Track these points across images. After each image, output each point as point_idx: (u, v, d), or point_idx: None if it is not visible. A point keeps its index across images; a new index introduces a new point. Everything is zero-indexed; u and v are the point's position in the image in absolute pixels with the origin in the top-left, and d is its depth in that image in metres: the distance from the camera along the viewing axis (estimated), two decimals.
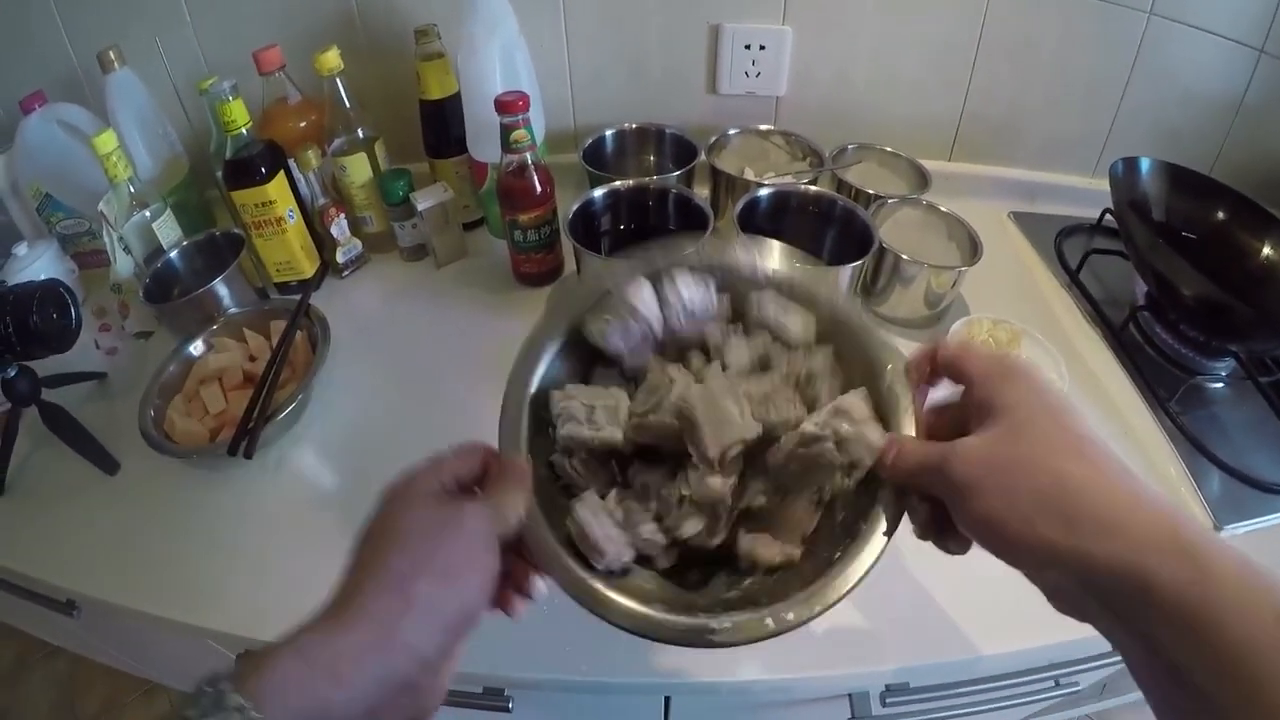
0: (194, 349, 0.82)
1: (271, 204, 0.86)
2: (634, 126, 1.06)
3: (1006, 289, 0.93)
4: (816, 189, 0.90)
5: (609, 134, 1.05)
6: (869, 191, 0.92)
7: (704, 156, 0.98)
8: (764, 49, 1.00)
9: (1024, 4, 0.93)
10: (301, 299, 0.85)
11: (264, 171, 0.85)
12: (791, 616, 0.38)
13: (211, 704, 0.29)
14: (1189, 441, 0.74)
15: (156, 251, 0.88)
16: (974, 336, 0.83)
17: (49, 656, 1.57)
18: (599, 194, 0.88)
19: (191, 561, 0.68)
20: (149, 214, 0.86)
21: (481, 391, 0.82)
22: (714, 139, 1.01)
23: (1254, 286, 0.82)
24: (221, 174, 0.89)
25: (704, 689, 0.63)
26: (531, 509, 0.40)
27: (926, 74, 1.01)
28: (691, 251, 0.49)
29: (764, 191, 0.88)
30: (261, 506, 0.72)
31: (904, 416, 0.41)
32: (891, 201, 0.91)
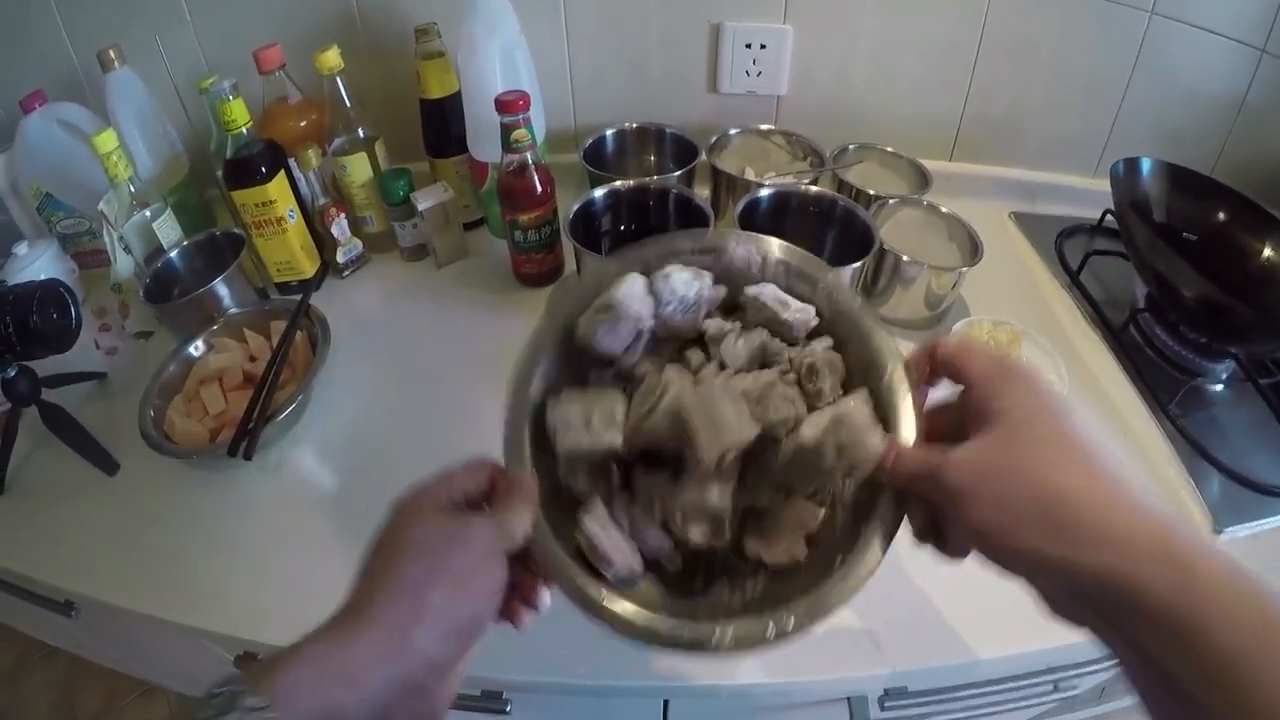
0: (194, 349, 0.82)
1: (272, 204, 0.86)
2: (634, 126, 1.06)
3: (1007, 290, 0.93)
4: (817, 189, 0.90)
5: (609, 134, 1.05)
6: (869, 192, 0.92)
7: (705, 156, 0.98)
8: (765, 48, 1.00)
9: (1025, 4, 0.93)
10: (302, 299, 0.85)
11: (264, 171, 0.85)
12: (792, 625, 0.38)
13: (226, 704, 0.29)
14: (1189, 444, 0.74)
15: (157, 251, 0.88)
16: (974, 338, 0.83)
17: (48, 657, 1.57)
18: (599, 194, 0.88)
19: (191, 562, 0.68)
20: (149, 214, 0.86)
21: (481, 391, 0.82)
22: (715, 139, 1.01)
23: (1255, 288, 0.82)
24: (222, 173, 0.89)
25: (703, 692, 0.63)
26: (538, 522, 0.41)
27: (927, 74, 1.01)
28: (688, 242, 0.48)
29: (765, 192, 0.88)
30: (261, 507, 0.72)
31: (903, 418, 0.40)
32: (892, 202, 0.91)
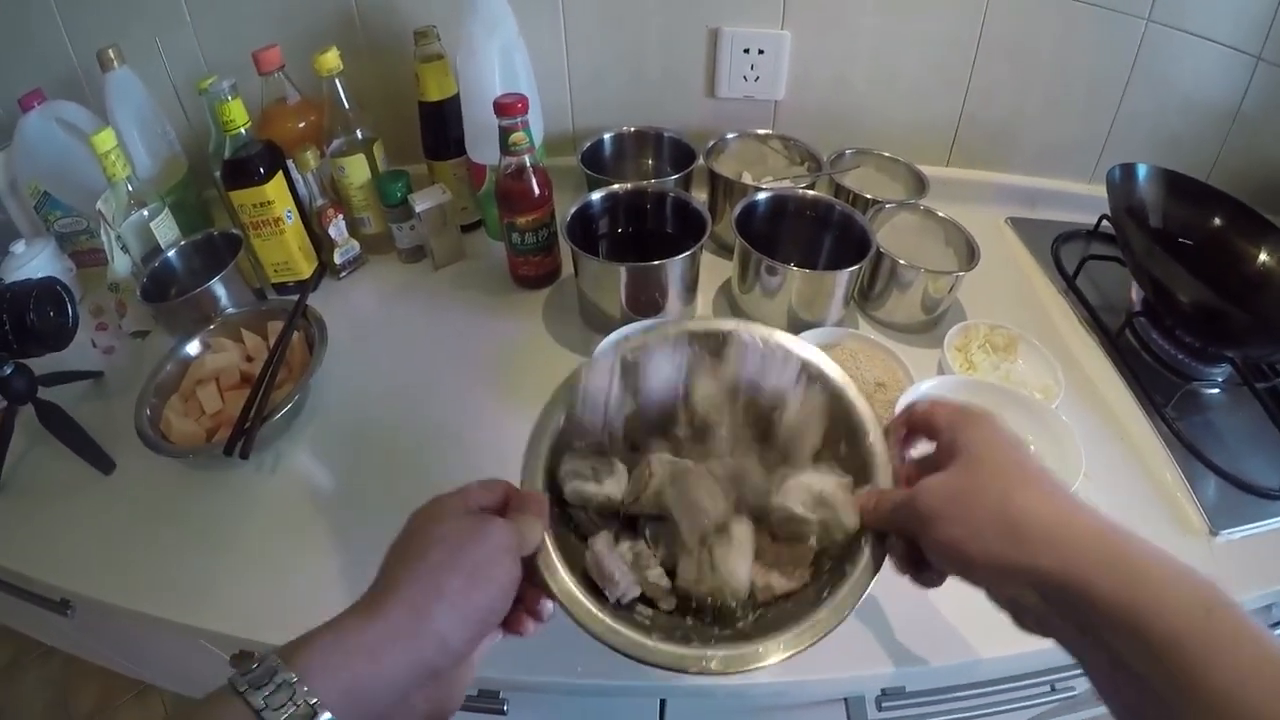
0: (191, 349, 0.81)
1: (270, 204, 0.86)
2: (632, 130, 1.06)
3: (1003, 294, 0.93)
4: (814, 193, 0.91)
5: (607, 137, 1.05)
6: (867, 196, 0.93)
7: (702, 160, 0.98)
8: (763, 53, 1.00)
9: (1022, 10, 0.93)
10: (299, 300, 0.85)
11: (262, 172, 0.85)
12: (782, 649, 0.41)
13: (263, 677, 0.32)
14: (1185, 447, 0.74)
15: (154, 251, 0.88)
16: (970, 342, 0.83)
17: (43, 656, 1.57)
18: (597, 197, 0.88)
19: (187, 561, 0.67)
20: (147, 213, 0.86)
21: (478, 393, 0.82)
22: (712, 143, 1.01)
23: (1250, 292, 0.82)
24: (220, 174, 0.89)
25: (700, 692, 0.63)
26: (546, 538, 0.44)
27: (925, 76, 1.01)
28: (699, 325, 0.54)
29: (762, 196, 0.88)
30: (257, 507, 0.72)
31: (881, 471, 0.47)
32: (889, 206, 0.91)
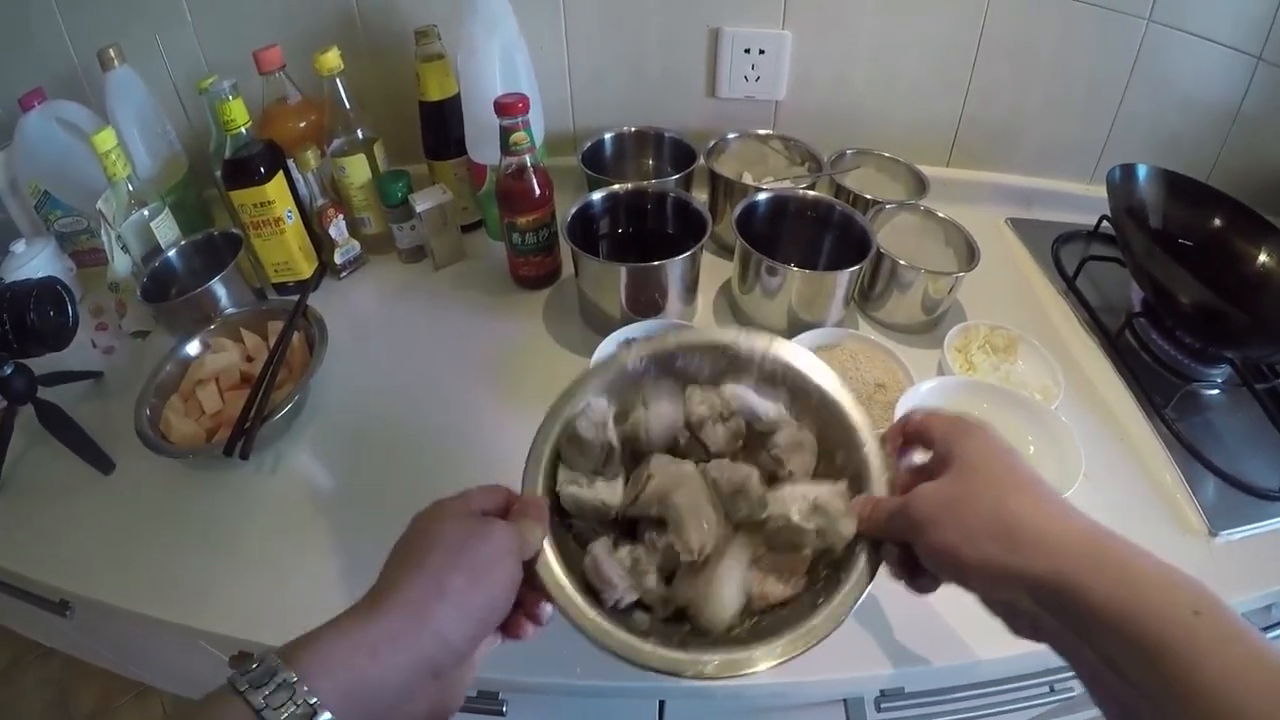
0: (191, 349, 0.81)
1: (270, 204, 0.86)
2: (633, 130, 1.06)
3: (1003, 295, 0.93)
4: (814, 194, 0.91)
5: (608, 137, 1.05)
6: (867, 196, 0.93)
7: (703, 160, 0.98)
8: (763, 53, 1.00)
9: (1022, 10, 0.93)
10: (299, 300, 0.85)
11: (263, 171, 0.85)
12: (776, 653, 0.42)
13: (263, 676, 0.32)
14: (1184, 448, 0.74)
15: (154, 251, 0.88)
16: (970, 343, 0.83)
17: (43, 658, 1.57)
18: (597, 197, 0.88)
19: (186, 562, 0.67)
20: (147, 213, 0.86)
21: (478, 393, 0.82)
22: (713, 143, 1.01)
23: (1250, 293, 0.82)
24: (220, 173, 0.89)
25: (699, 693, 0.63)
26: (547, 541, 0.45)
27: (926, 75, 1.01)
28: (703, 336, 0.55)
29: (762, 196, 0.88)
30: (257, 507, 0.72)
31: (877, 480, 0.48)
32: (889, 207, 0.91)
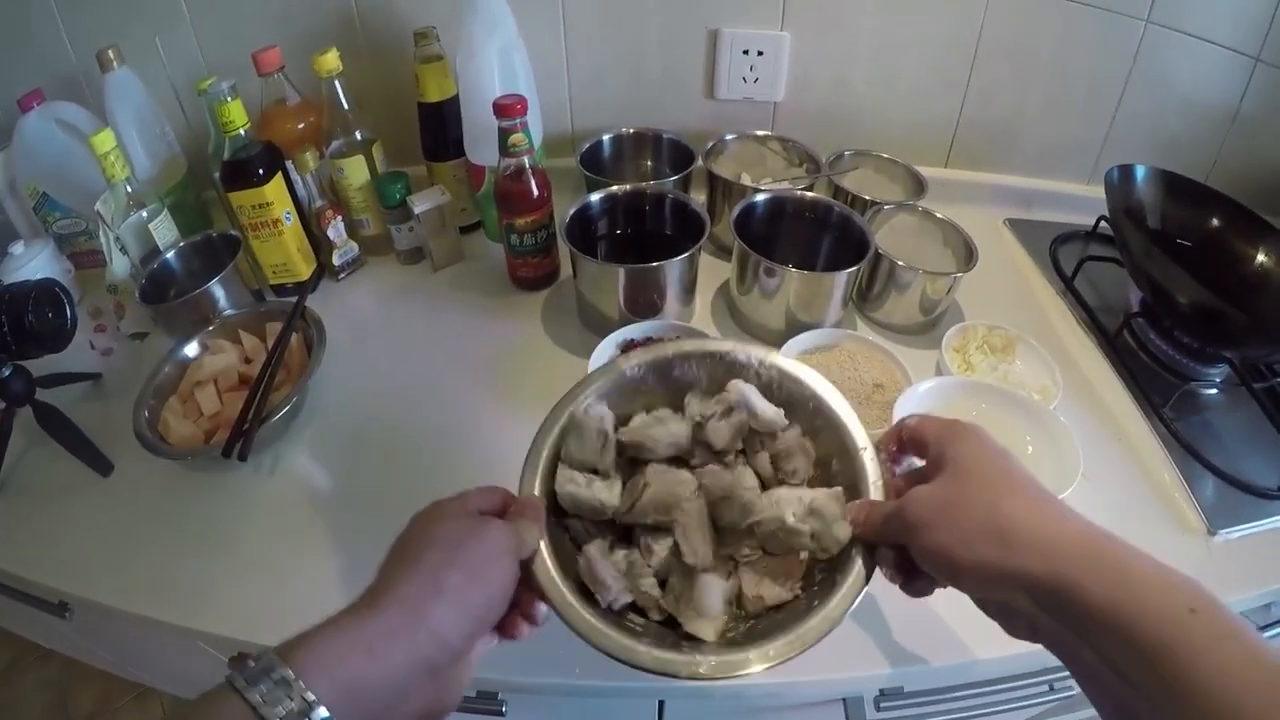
0: (189, 350, 0.81)
1: (268, 205, 0.86)
2: (631, 131, 1.06)
3: (1002, 295, 0.93)
4: (813, 195, 0.91)
5: (606, 138, 1.05)
6: (865, 197, 0.93)
7: (701, 162, 0.98)
8: (762, 55, 1.00)
9: (1021, 11, 0.94)
10: (298, 301, 0.85)
11: (261, 173, 0.85)
12: (771, 656, 0.42)
13: (259, 673, 0.32)
14: (1183, 447, 0.74)
15: (153, 252, 0.88)
16: (969, 343, 0.83)
17: (42, 659, 1.57)
18: (596, 198, 0.88)
19: (185, 563, 0.67)
20: (146, 214, 0.86)
21: (477, 394, 0.82)
22: (711, 144, 1.01)
23: (1248, 293, 0.83)
24: (219, 175, 0.89)
25: (698, 693, 0.63)
26: (543, 542, 0.45)
27: (923, 81, 1.01)
28: (697, 344, 0.57)
29: (760, 197, 0.88)
30: (256, 509, 0.72)
31: (872, 485, 0.48)
32: (888, 207, 0.91)
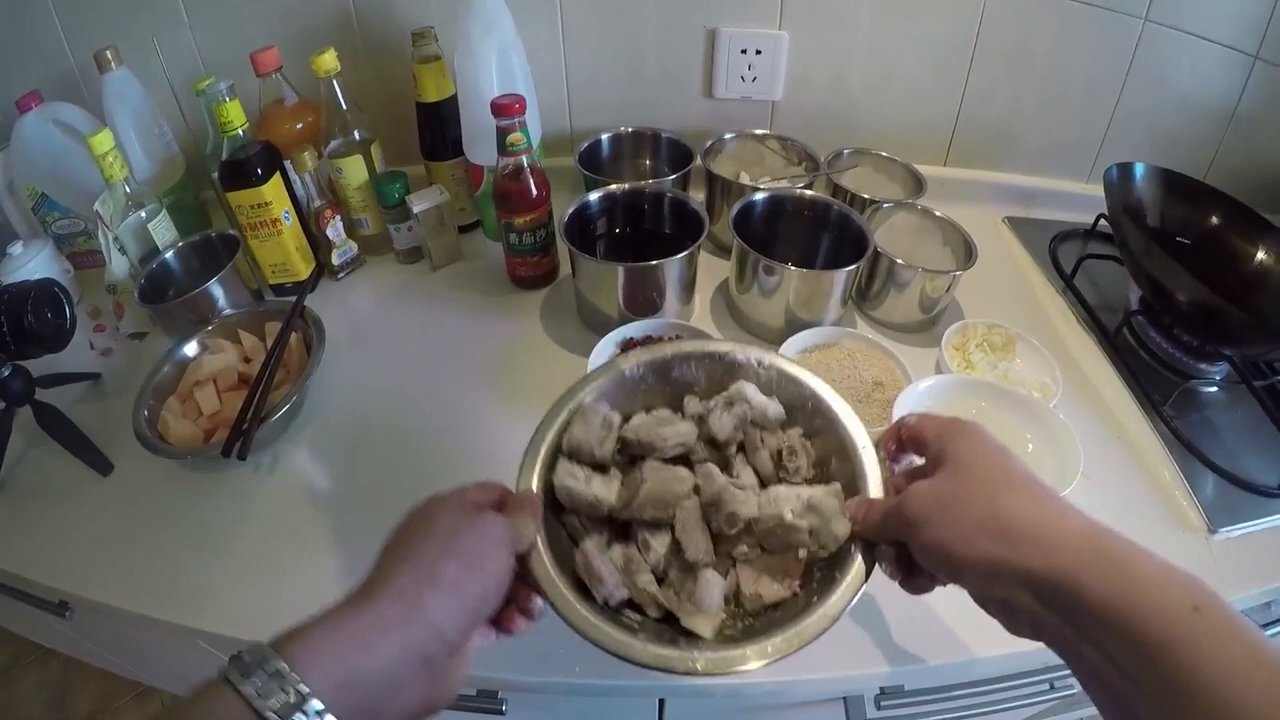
0: (188, 350, 0.81)
1: (267, 205, 0.86)
2: (630, 130, 1.06)
3: (1001, 294, 0.93)
4: (812, 193, 0.91)
5: (605, 137, 1.05)
6: (864, 196, 0.93)
7: (700, 161, 0.98)
8: (760, 54, 1.00)
9: (1019, 10, 0.93)
10: (297, 301, 0.85)
11: (260, 173, 0.85)
12: (768, 653, 0.42)
13: (253, 666, 0.32)
14: (1183, 445, 0.74)
15: (152, 252, 0.88)
16: (968, 341, 0.83)
17: (42, 659, 1.57)
18: (594, 197, 0.88)
19: (184, 563, 0.67)
20: (145, 214, 0.86)
21: (476, 394, 0.82)
22: (710, 143, 1.01)
23: (1248, 291, 0.83)
24: (217, 175, 0.89)
25: (698, 691, 0.63)
26: (539, 536, 0.45)
27: (923, 75, 1.01)
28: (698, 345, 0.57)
29: (759, 196, 0.88)
30: (255, 508, 0.72)
31: (872, 483, 0.48)
32: (887, 206, 0.91)
